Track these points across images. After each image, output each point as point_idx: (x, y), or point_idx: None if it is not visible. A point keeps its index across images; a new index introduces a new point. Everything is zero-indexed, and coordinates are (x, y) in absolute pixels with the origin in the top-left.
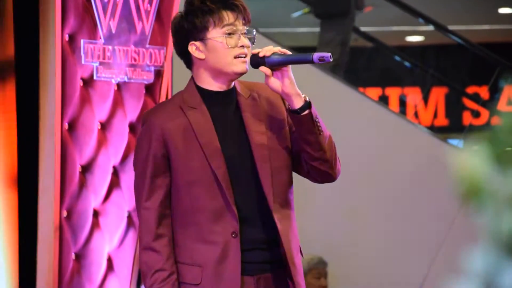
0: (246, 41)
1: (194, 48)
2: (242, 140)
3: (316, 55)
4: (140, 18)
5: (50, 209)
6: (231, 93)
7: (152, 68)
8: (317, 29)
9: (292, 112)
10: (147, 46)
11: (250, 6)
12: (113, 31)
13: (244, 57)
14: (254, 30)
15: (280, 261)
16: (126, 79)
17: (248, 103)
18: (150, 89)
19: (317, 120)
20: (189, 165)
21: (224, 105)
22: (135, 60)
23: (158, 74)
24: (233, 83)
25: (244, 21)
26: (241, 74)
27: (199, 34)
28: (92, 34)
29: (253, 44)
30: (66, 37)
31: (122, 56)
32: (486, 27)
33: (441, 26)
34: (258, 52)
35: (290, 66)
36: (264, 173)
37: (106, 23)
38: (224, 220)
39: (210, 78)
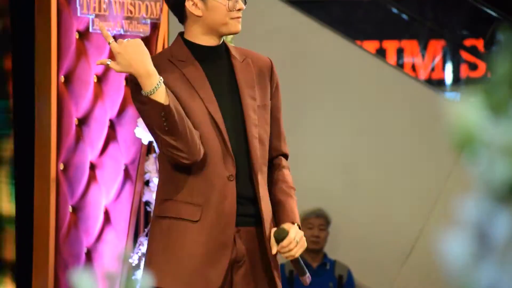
0: (243, 4)
1: (191, 3)
2: (233, 100)
3: (305, 277)
4: None
5: (47, 162)
6: (219, 49)
7: (149, 21)
8: None
9: None
10: None
11: None
12: None
13: (238, 17)
14: None
15: (259, 218)
16: (122, 32)
17: (242, 66)
18: (147, 42)
19: None
20: (189, 108)
21: (213, 60)
22: (131, 12)
23: (155, 26)
24: (222, 40)
25: None
26: (236, 33)
27: None
28: None
29: (245, 4)
30: None
31: (118, 8)
32: None
33: None
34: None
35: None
36: (252, 135)
37: None
38: (223, 163)
39: (201, 34)
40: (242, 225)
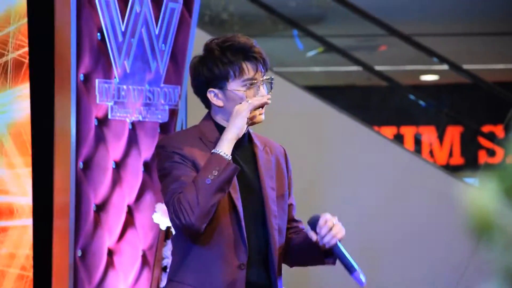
0: (264, 91)
1: (212, 95)
2: (255, 189)
3: (356, 274)
4: (154, 57)
5: (65, 249)
6: (245, 136)
7: (167, 107)
8: (331, 68)
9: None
10: (162, 85)
11: (264, 45)
12: (128, 71)
13: (262, 108)
14: (273, 77)
15: None
16: (140, 118)
17: (263, 155)
18: (165, 128)
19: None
20: None
21: (238, 146)
22: (149, 99)
23: (173, 113)
24: (246, 128)
25: (263, 71)
26: (258, 123)
27: (218, 83)
28: (107, 73)
29: (271, 90)
30: (81, 77)
31: (136, 95)
32: (500, 66)
33: (456, 65)
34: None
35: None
36: (272, 227)
37: (121, 62)
38: (236, 250)
39: (226, 121)
40: None
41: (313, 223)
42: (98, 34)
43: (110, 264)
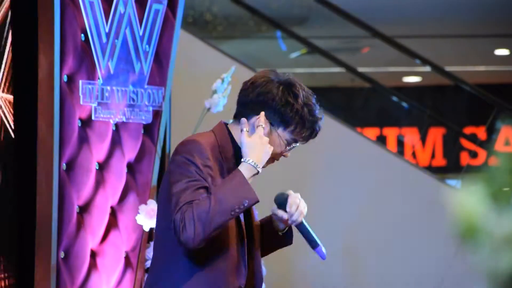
0: (289, 154)
1: (264, 118)
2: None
3: (319, 249)
4: (138, 58)
5: (47, 250)
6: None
7: (151, 108)
8: (314, 70)
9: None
10: (146, 86)
11: (247, 46)
12: (112, 72)
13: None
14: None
15: None
16: (124, 119)
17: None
18: (148, 129)
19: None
20: None
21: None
22: (133, 100)
23: (156, 114)
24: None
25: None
26: None
27: (278, 119)
28: (91, 74)
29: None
30: (65, 78)
31: (120, 96)
32: (482, 68)
33: (438, 67)
34: (291, 207)
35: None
36: (258, 250)
37: (104, 63)
38: (236, 273)
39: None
40: None
41: (282, 202)
42: (82, 35)
43: (93, 265)
